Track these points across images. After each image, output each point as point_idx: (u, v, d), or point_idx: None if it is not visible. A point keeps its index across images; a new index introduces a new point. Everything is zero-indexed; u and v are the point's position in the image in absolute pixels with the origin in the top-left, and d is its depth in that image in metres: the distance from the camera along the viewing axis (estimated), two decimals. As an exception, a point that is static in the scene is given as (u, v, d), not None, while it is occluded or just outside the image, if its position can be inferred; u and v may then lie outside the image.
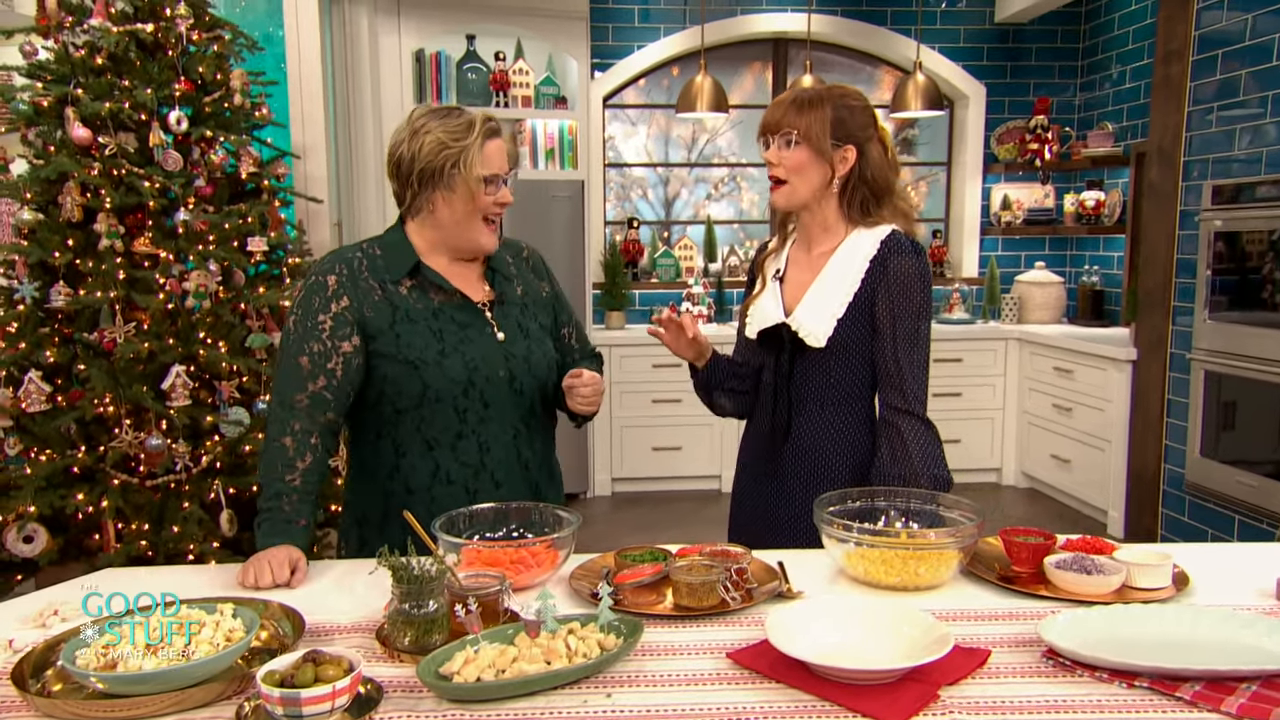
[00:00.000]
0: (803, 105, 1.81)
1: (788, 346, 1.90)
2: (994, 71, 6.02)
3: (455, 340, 1.80)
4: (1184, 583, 1.51)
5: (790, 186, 1.84)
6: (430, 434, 1.81)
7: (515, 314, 1.90)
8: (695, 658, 1.30)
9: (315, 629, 1.39)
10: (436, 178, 1.77)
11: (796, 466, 1.91)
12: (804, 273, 1.92)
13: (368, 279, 1.80)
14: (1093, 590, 1.47)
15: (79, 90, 2.99)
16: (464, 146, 1.75)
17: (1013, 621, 1.40)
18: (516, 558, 1.55)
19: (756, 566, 1.59)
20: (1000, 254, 6.10)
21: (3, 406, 2.88)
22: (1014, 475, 5.67)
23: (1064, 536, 1.65)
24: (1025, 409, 5.52)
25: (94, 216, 2.95)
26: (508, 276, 1.93)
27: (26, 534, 2.81)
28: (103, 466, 2.93)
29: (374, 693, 1.19)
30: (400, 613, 1.33)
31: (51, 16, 3.10)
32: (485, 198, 1.78)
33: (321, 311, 1.77)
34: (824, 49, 5.94)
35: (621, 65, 5.69)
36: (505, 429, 1.85)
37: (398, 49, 4.75)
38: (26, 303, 2.93)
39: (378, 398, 1.81)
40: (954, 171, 6.22)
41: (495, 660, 1.22)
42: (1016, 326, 5.64)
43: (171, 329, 3.00)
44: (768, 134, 1.85)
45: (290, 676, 1.12)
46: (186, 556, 2.93)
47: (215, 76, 3.22)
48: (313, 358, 1.75)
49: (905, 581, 1.51)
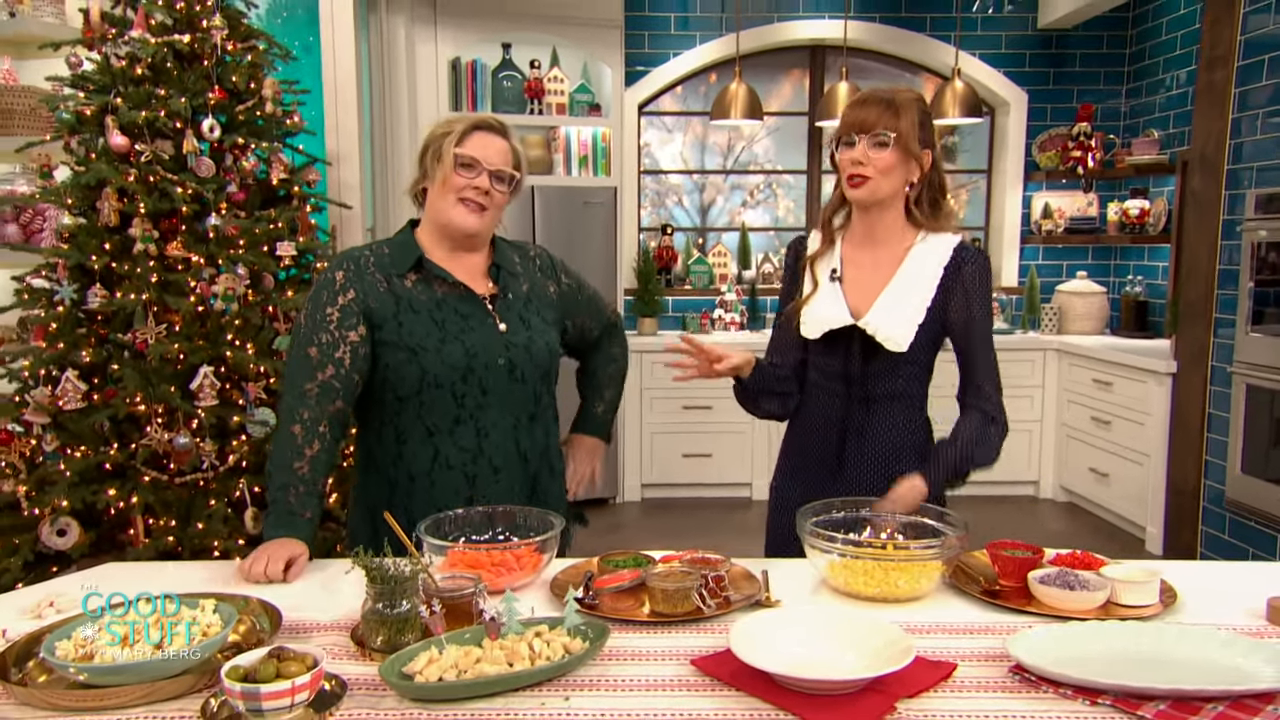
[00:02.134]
0: (897, 107, 1.80)
1: (858, 350, 1.89)
2: (1036, 78, 5.92)
3: (456, 329, 1.86)
4: (1171, 600, 1.47)
5: (874, 184, 1.82)
6: (430, 420, 1.86)
7: (518, 307, 1.95)
8: (660, 663, 1.31)
9: (294, 626, 1.42)
10: (430, 156, 1.88)
11: (864, 469, 1.91)
12: (868, 274, 1.91)
13: (374, 273, 1.88)
14: (1076, 606, 1.44)
15: (118, 99, 3.08)
16: (452, 128, 1.86)
17: (989, 636, 1.38)
18: (498, 560, 1.57)
19: (738, 574, 1.58)
20: (1041, 263, 5.99)
21: (41, 404, 2.98)
22: (1052, 489, 5.55)
23: (1053, 551, 1.62)
24: (1064, 421, 5.41)
25: (130, 221, 3.04)
26: (513, 273, 1.99)
27: (60, 527, 2.90)
28: (134, 464, 3.02)
29: (338, 689, 1.21)
30: (374, 612, 1.36)
31: (95, 29, 3.21)
32: (458, 178, 1.85)
33: (329, 305, 1.84)
34: (862, 56, 5.89)
35: (658, 72, 5.71)
36: (504, 416, 1.90)
37: (434, 57, 4.83)
38: (65, 304, 3.03)
39: (381, 385, 1.88)
40: (994, 179, 6.12)
41: (459, 661, 1.24)
42: (1056, 337, 5.53)
43: (201, 331, 3.08)
44: (855, 132, 1.82)
45: (253, 672, 1.14)
46: (212, 552, 3.00)
47: (249, 85, 3.30)
48: (321, 348, 1.82)
49: (885, 593, 1.49)
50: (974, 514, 5.43)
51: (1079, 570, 1.51)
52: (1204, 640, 1.27)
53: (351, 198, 4.05)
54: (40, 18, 3.68)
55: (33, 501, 2.89)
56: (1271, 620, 1.41)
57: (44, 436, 2.99)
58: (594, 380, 2.21)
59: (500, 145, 1.89)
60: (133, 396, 2.98)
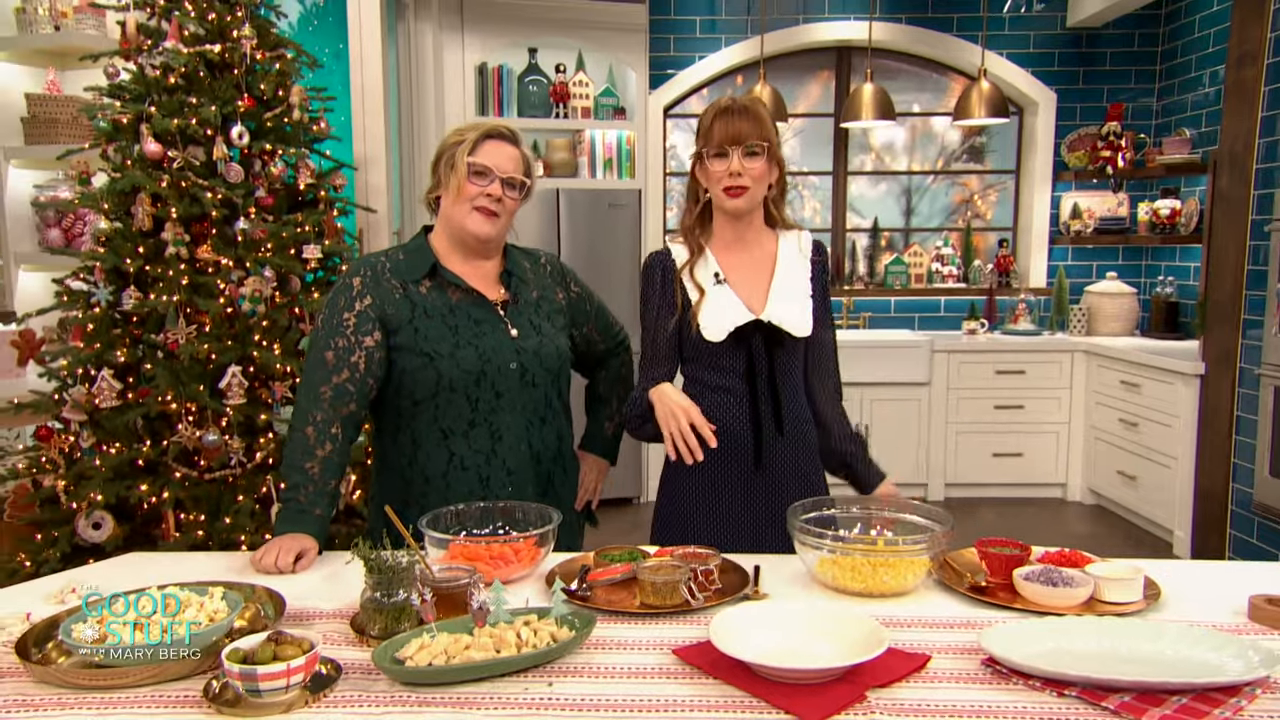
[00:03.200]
0: (755, 117, 1.88)
1: (760, 344, 1.95)
2: (1065, 77, 5.87)
3: (469, 334, 1.92)
4: (1155, 597, 1.49)
5: (751, 192, 1.90)
6: (445, 423, 1.92)
7: (529, 313, 2.01)
8: (644, 653, 1.35)
9: (298, 613, 1.49)
10: (444, 165, 1.95)
11: (789, 458, 1.96)
12: (751, 274, 1.98)
13: (390, 279, 1.94)
14: (1059, 602, 1.46)
15: (152, 108, 3.19)
16: (462, 139, 1.92)
17: (969, 631, 1.40)
18: (496, 553, 1.62)
19: (726, 568, 1.62)
20: (1070, 264, 5.93)
21: (78, 402, 3.09)
22: (1079, 491, 5.51)
23: (1042, 549, 1.64)
24: (1092, 423, 5.36)
25: (163, 226, 3.15)
26: (524, 280, 2.05)
27: (95, 520, 3.01)
28: (165, 460, 3.12)
29: (333, 672, 1.27)
30: (372, 601, 1.42)
31: (131, 40, 3.32)
32: (471, 186, 1.91)
33: (347, 310, 1.91)
34: (888, 57, 5.89)
35: (684, 75, 5.75)
36: (517, 419, 1.95)
37: (461, 63, 4.91)
38: (101, 306, 3.14)
39: (396, 391, 1.94)
40: (1023, 180, 6.08)
41: (448, 647, 1.29)
42: (1084, 338, 5.48)
43: (230, 332, 3.18)
44: (728, 144, 1.86)
45: (252, 654, 1.21)
46: (239, 546, 3.09)
47: (277, 93, 3.39)
48: (337, 352, 1.89)
49: (871, 588, 1.53)
50: (1000, 517, 5.42)
51: (1063, 568, 1.52)
52: (1178, 636, 1.29)
53: (378, 201, 4.14)
54: (83, 30, 3.81)
55: (71, 496, 3.01)
56: (1252, 618, 1.42)
57: (81, 433, 3.11)
58: (602, 401, 2.25)
59: (511, 153, 1.96)
60: (164, 395, 3.08)
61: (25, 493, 3.12)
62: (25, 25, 3.82)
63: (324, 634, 1.41)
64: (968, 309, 5.86)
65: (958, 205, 6.25)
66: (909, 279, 5.96)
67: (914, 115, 6.13)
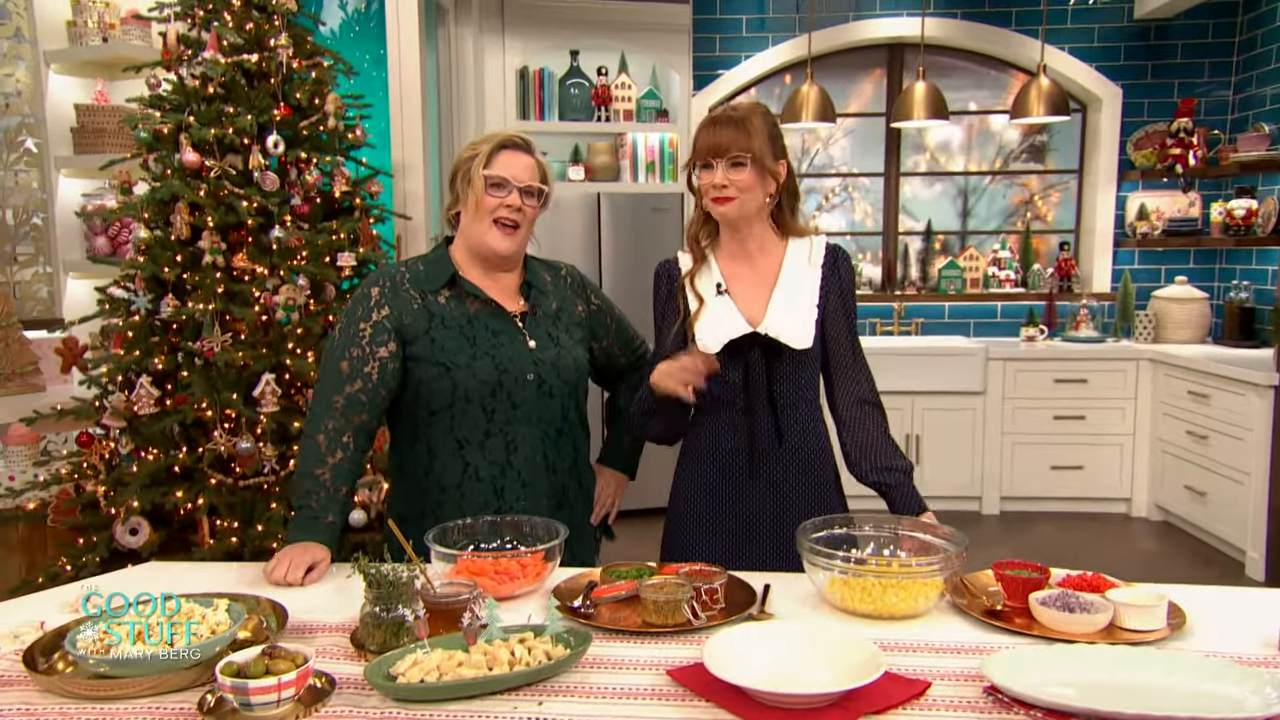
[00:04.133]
0: (744, 127, 1.89)
1: (759, 356, 1.96)
2: (1132, 72, 5.73)
3: (487, 345, 1.95)
4: (1180, 625, 1.45)
5: (739, 201, 1.91)
6: (461, 434, 1.95)
7: (547, 325, 2.04)
8: (639, 673, 1.36)
9: (301, 626, 1.53)
10: (461, 179, 1.98)
11: (791, 471, 1.96)
12: (752, 284, 1.98)
13: (409, 290, 1.98)
14: (1075, 629, 1.43)
15: (191, 118, 3.30)
16: (477, 152, 1.96)
17: (977, 656, 1.38)
18: (502, 568, 1.64)
19: (734, 587, 1.62)
20: (1136, 267, 5.79)
21: (117, 409, 3.20)
22: (1145, 507, 5.36)
23: (1063, 572, 1.61)
24: (1158, 435, 5.21)
25: (200, 234, 3.25)
26: (543, 292, 2.08)
27: (132, 526, 3.11)
28: (200, 467, 3.22)
29: (327, 686, 1.31)
30: (371, 616, 1.45)
31: (172, 50, 3.44)
32: (489, 199, 1.94)
33: (363, 320, 1.95)
34: (943, 53, 5.81)
35: (729, 75, 5.75)
36: (533, 430, 1.98)
37: (502, 67, 4.98)
38: (141, 313, 3.25)
39: (413, 400, 1.98)
40: (1086, 179, 5.95)
41: (441, 664, 1.32)
42: (1150, 346, 5.34)
43: (265, 340, 3.26)
44: (711, 157, 1.90)
45: (245, 668, 1.25)
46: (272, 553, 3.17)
47: (313, 101, 3.48)
48: (351, 362, 1.93)
49: (879, 610, 1.52)
50: (1059, 532, 5.32)
51: (1083, 592, 1.50)
52: (1195, 667, 1.26)
53: (416, 208, 4.22)
54: (129, 41, 3.96)
55: (110, 501, 3.12)
56: (1282, 650, 1.38)
57: (120, 440, 3.22)
58: (622, 414, 2.24)
59: (527, 161, 1.99)
60: (200, 402, 3.18)
61: (67, 497, 3.24)
62: (75, 37, 3.98)
63: (323, 648, 1.45)
64: (1026, 315, 5.75)
65: (1017, 207, 6.14)
66: (964, 284, 5.87)
67: (970, 114, 6.05)
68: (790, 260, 1.99)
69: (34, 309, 4.03)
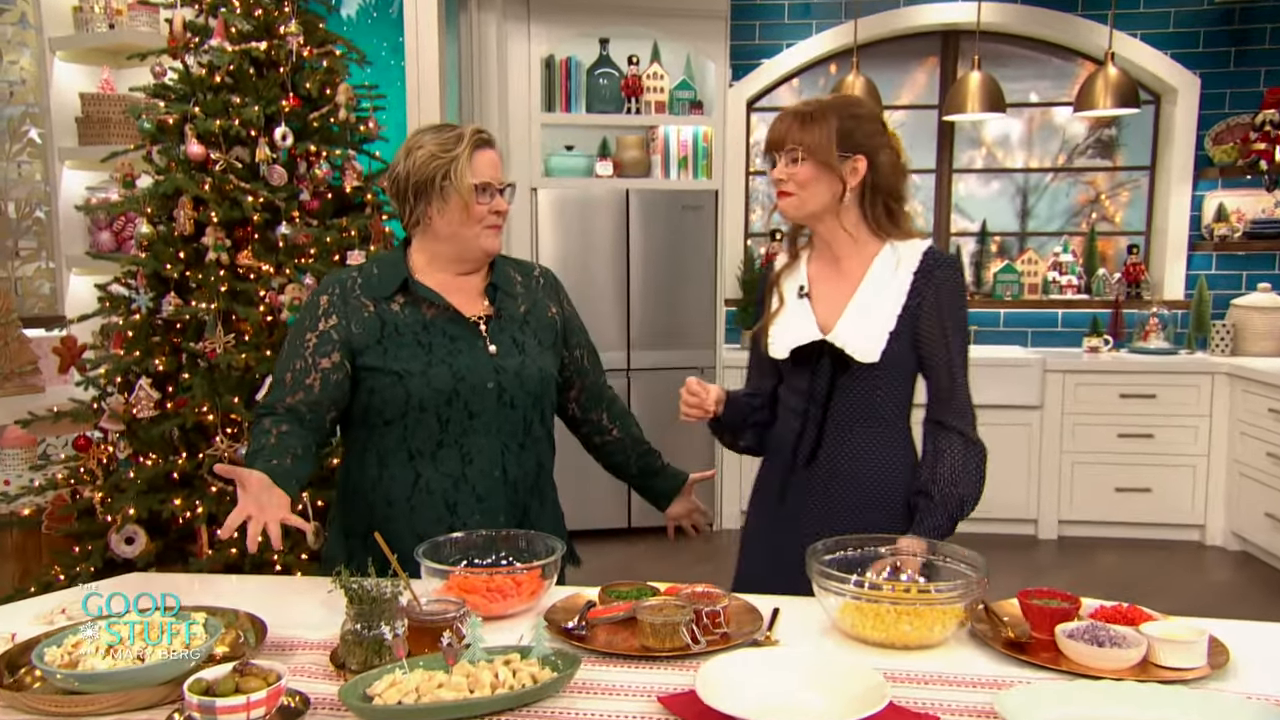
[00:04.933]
0: (806, 120, 1.89)
1: (826, 366, 1.94)
2: (1211, 59, 5.64)
3: (443, 352, 1.96)
4: (1222, 663, 1.43)
5: (798, 198, 1.91)
6: (413, 444, 1.96)
7: (513, 329, 2.04)
8: (630, 699, 1.37)
9: (280, 642, 1.56)
10: (430, 189, 1.95)
11: (820, 495, 1.94)
12: (835, 288, 1.96)
13: (359, 297, 1.99)
14: (1104, 664, 1.41)
15: (196, 108, 3.37)
16: (453, 156, 1.92)
17: (994, 691, 1.37)
18: (495, 586, 1.66)
19: (740, 610, 1.63)
20: (1212, 273, 5.69)
21: (116, 411, 3.28)
22: (1221, 535, 5.26)
23: (1095, 602, 1.59)
24: (1235, 457, 5.11)
25: (204, 230, 3.31)
26: (511, 294, 2.08)
27: (128, 535, 3.18)
28: (200, 473, 3.28)
29: (300, 706, 1.33)
30: (352, 633, 1.47)
31: (178, 38, 3.52)
32: (479, 206, 1.95)
33: (310, 330, 1.98)
34: (1001, 40, 5.76)
35: (770, 65, 5.75)
36: (491, 442, 1.98)
37: (527, 55, 5.03)
38: (142, 312, 3.32)
39: (364, 411, 1.99)
40: (1158, 177, 5.86)
41: (420, 685, 1.33)
42: (1228, 359, 5.24)
43: (269, 341, 3.32)
44: (773, 150, 1.93)
45: (214, 685, 1.27)
46: (273, 565, 3.22)
47: (324, 91, 3.53)
48: (294, 373, 1.95)
49: (892, 639, 1.51)
50: (1124, 561, 5.23)
51: (1114, 625, 1.48)
52: (1231, 710, 1.24)
53: (433, 204, 4.26)
54: (136, 28, 4.05)
55: (106, 508, 3.18)
56: (1331, 692, 1.35)
57: (118, 444, 3.29)
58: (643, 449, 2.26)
59: (497, 158, 2.01)
60: (201, 406, 3.24)
61: (63, 503, 3.32)
62: (81, 24, 4.08)
63: (302, 666, 1.48)
64: (1089, 324, 5.67)
65: (1081, 206, 6.06)
66: (1021, 289, 5.80)
67: (1031, 106, 5.98)
68: (878, 265, 1.94)
69: (36, 306, 4.14)
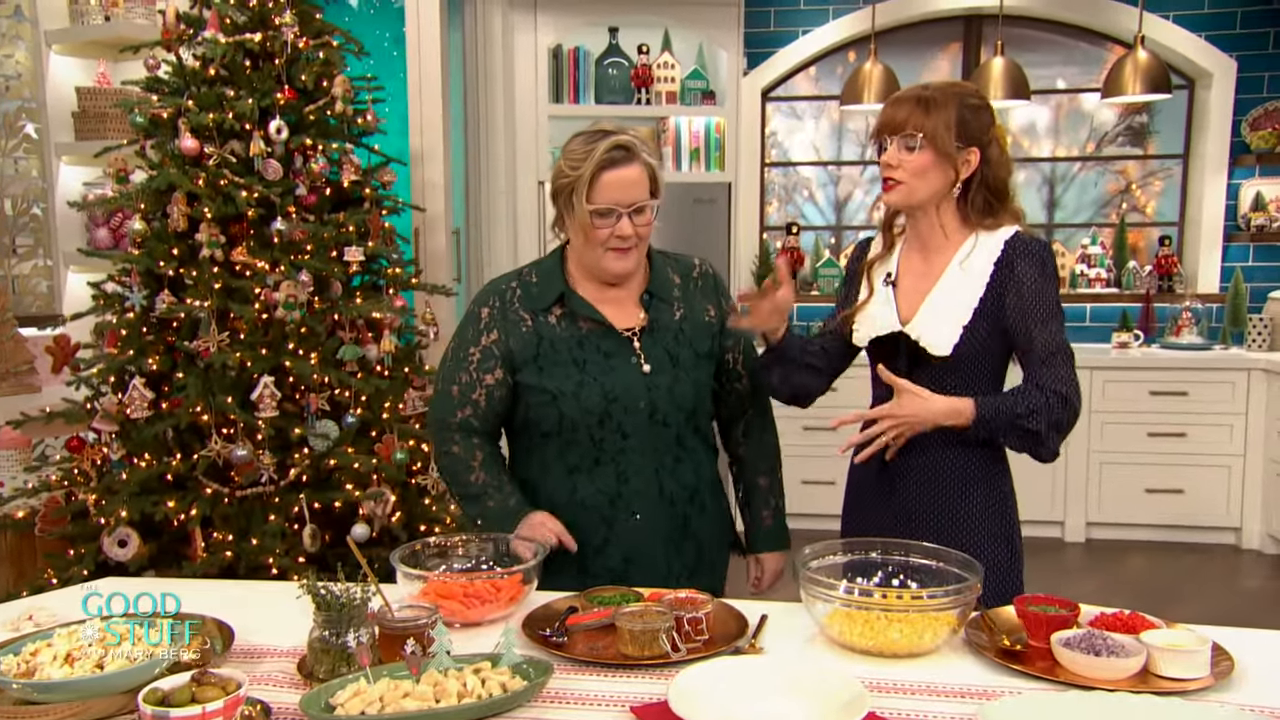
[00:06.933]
0: (928, 105, 1.85)
1: (904, 358, 1.94)
2: (1249, 41, 5.54)
3: (597, 370, 1.96)
4: (1227, 673, 1.39)
5: (907, 187, 1.89)
6: (570, 459, 2.00)
7: (667, 341, 2.01)
8: (604, 710, 1.36)
9: (247, 650, 1.55)
10: (564, 201, 1.95)
11: (911, 494, 1.94)
12: (919, 280, 1.96)
13: (518, 310, 2.01)
14: (1101, 674, 1.38)
15: (190, 102, 3.37)
16: (577, 177, 1.89)
17: (984, 702, 1.34)
18: (472, 591, 1.65)
19: (726, 617, 1.61)
20: (1250, 265, 5.60)
21: (109, 412, 3.29)
22: (1258, 538, 5.17)
23: (1095, 609, 1.56)
24: (1273, 457, 5.03)
25: (198, 226, 3.32)
26: (667, 300, 2.04)
27: (120, 538, 3.19)
28: (194, 475, 3.29)
29: (260, 716, 1.32)
30: (319, 640, 1.46)
31: (171, 30, 3.53)
32: (598, 231, 1.91)
33: (472, 344, 2.02)
34: (1025, 25, 5.69)
35: (785, 53, 5.70)
36: (646, 460, 1.99)
37: (534, 45, 5.01)
38: (135, 310, 3.33)
39: (524, 423, 2.04)
40: (1192, 165, 5.77)
41: (385, 694, 1.32)
42: (1265, 355, 5.16)
43: (265, 339, 3.32)
44: (886, 134, 1.89)
45: (170, 695, 1.27)
46: (269, 569, 3.23)
47: (320, 84, 3.53)
48: (461, 387, 2.02)
49: (880, 647, 1.48)
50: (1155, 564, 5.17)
51: (1113, 633, 1.44)
52: (1226, 723, 1.20)
53: (435, 198, 4.26)
54: (132, 20, 4.07)
55: (100, 511, 3.20)
56: (1340, 705, 1.31)
57: (112, 444, 3.31)
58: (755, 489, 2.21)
59: (634, 175, 1.90)
60: (195, 406, 3.25)
61: (56, 506, 3.34)
62: (77, 16, 4.10)
63: (268, 674, 1.47)
64: (1119, 318, 5.60)
65: (1112, 196, 5.98)
66: (1049, 283, 5.73)
67: (1057, 92, 5.91)
68: (962, 256, 1.92)
69: (33, 304, 4.17)
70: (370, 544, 3.28)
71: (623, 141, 1.90)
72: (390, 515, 3.41)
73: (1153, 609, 1.59)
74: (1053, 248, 1.45)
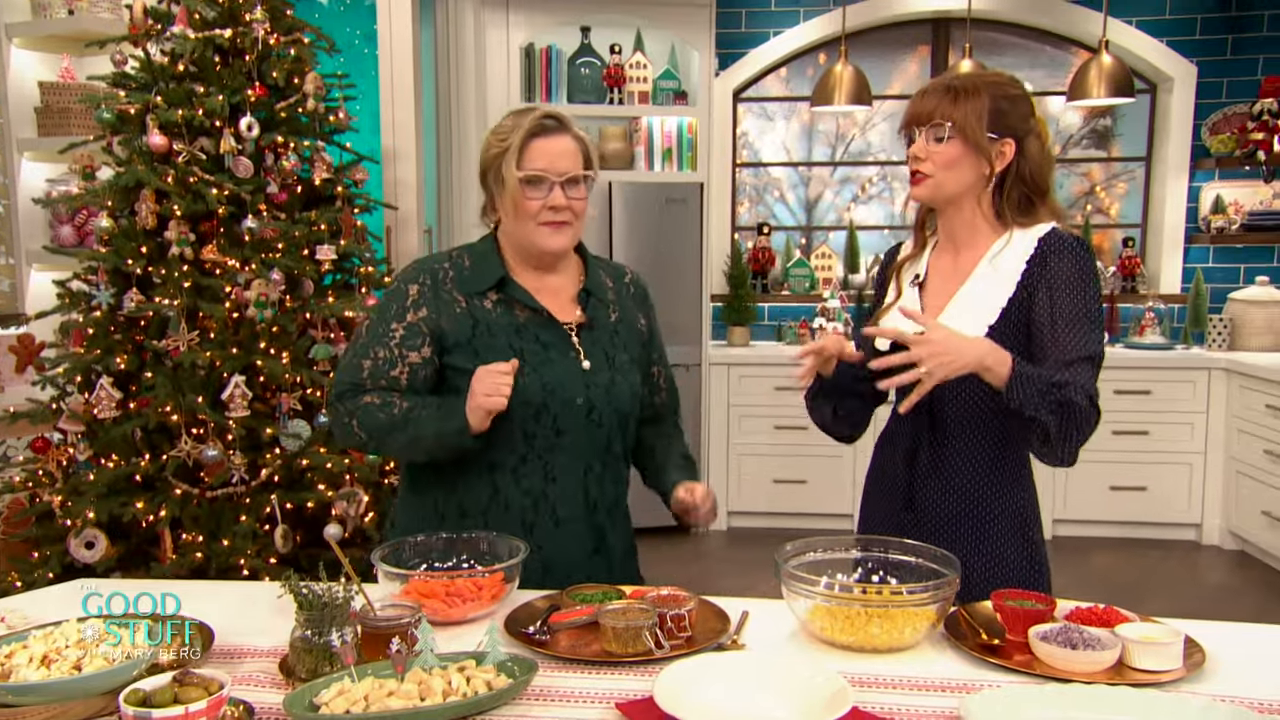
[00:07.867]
0: (958, 94, 1.79)
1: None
2: (1209, 47, 5.64)
3: (535, 360, 1.87)
4: (1199, 665, 1.42)
5: (935, 181, 1.81)
6: (494, 455, 1.88)
7: (604, 341, 1.96)
8: (589, 707, 1.36)
9: (228, 650, 1.54)
10: (493, 177, 1.89)
11: (935, 500, 1.87)
12: (948, 280, 1.89)
13: (450, 291, 1.91)
14: (1078, 667, 1.41)
15: (158, 98, 3.34)
16: (506, 146, 1.84)
17: (964, 695, 1.36)
18: (454, 590, 1.65)
19: (708, 614, 1.62)
20: (1210, 266, 5.70)
21: (75, 412, 3.25)
22: (1218, 534, 5.27)
23: (1071, 604, 1.58)
24: (1233, 454, 5.12)
25: (167, 224, 3.29)
26: (603, 301, 1.99)
27: (87, 539, 3.15)
28: (164, 475, 3.25)
29: (243, 716, 1.31)
30: (301, 640, 1.46)
31: (139, 25, 3.49)
32: (529, 201, 1.85)
33: (396, 319, 1.89)
34: (992, 28, 5.76)
35: (755, 54, 5.74)
36: (576, 461, 1.91)
37: (505, 44, 5.01)
38: (103, 309, 3.29)
39: None
40: (1154, 168, 5.87)
41: (370, 693, 1.32)
42: (1225, 354, 5.25)
43: (235, 339, 3.29)
44: (913, 126, 1.83)
45: (151, 696, 1.26)
46: (240, 570, 3.20)
47: (291, 81, 3.51)
48: (376, 362, 1.88)
49: (860, 642, 1.50)
50: (1117, 559, 5.23)
51: (1089, 627, 1.47)
52: (1200, 713, 1.23)
53: (407, 197, 4.24)
54: (97, 14, 4.02)
55: (66, 512, 3.16)
56: (1309, 695, 1.34)
57: (78, 445, 3.27)
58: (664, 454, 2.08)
59: (564, 145, 1.86)
60: (164, 406, 3.21)
61: (20, 507, 3.29)
62: (39, 9, 4.04)
63: (249, 674, 1.46)
64: (1085, 318, 5.67)
65: (1077, 198, 6.07)
66: (1016, 283, 5.81)
67: (1025, 95, 5.98)
68: (993, 254, 1.83)
69: (-5, 304, 4.10)
70: (343, 544, 3.25)
71: (553, 112, 1.90)
72: (363, 515, 3.40)
73: (1119, 604, 1.59)
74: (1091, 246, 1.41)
